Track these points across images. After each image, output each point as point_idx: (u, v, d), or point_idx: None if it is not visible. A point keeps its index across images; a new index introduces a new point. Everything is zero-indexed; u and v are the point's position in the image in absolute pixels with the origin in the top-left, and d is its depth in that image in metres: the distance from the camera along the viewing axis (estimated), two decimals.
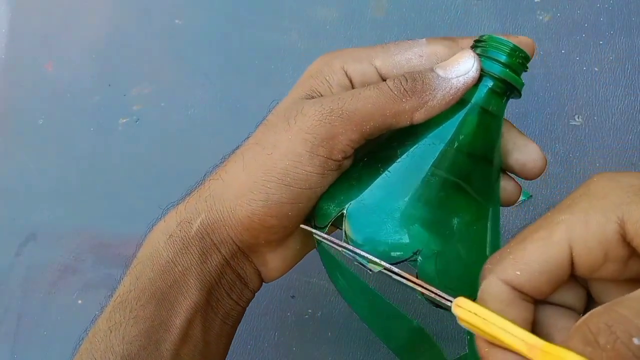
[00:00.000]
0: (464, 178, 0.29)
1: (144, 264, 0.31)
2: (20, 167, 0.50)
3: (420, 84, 0.28)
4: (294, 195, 0.29)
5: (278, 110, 0.31)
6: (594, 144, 0.47)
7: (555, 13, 0.50)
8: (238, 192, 0.30)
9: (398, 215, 0.28)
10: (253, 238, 0.30)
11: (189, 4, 0.53)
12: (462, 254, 0.29)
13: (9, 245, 0.48)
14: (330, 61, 0.31)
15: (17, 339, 0.46)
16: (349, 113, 0.28)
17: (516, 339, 0.22)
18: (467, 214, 0.29)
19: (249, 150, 0.31)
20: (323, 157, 0.29)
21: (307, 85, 0.31)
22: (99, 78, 0.52)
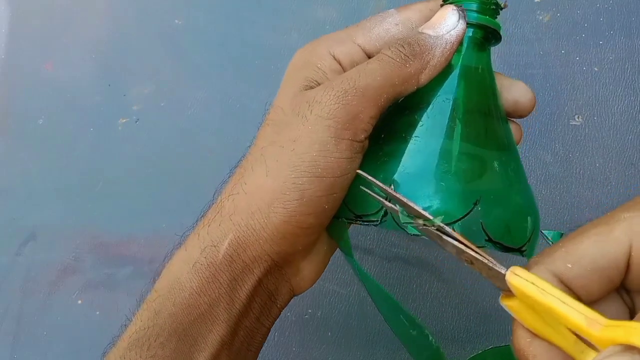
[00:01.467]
0: (485, 120, 0.30)
1: (164, 297, 0.28)
2: (20, 167, 0.50)
3: (417, 47, 0.28)
4: (328, 186, 0.27)
5: (282, 108, 0.29)
6: (594, 144, 0.47)
7: (555, 13, 0.50)
8: (269, 199, 0.27)
9: (447, 172, 0.28)
10: (290, 246, 0.28)
11: (189, 4, 0.53)
12: (510, 195, 0.29)
13: (9, 245, 0.48)
14: (315, 49, 0.31)
15: (17, 339, 0.46)
16: (363, 90, 0.27)
17: (575, 312, 0.20)
18: (501, 155, 0.29)
19: (266, 153, 0.28)
20: (349, 140, 0.28)
21: (300, 77, 0.30)
22: (99, 78, 0.52)
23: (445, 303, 0.45)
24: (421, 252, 0.46)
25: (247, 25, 0.52)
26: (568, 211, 0.46)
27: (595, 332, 0.20)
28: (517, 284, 0.22)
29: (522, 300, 0.22)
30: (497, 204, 0.28)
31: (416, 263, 0.46)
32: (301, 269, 0.31)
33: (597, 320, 0.20)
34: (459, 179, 0.28)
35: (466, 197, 0.27)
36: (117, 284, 0.47)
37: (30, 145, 0.51)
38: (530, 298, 0.21)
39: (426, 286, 0.45)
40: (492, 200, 0.28)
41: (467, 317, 0.45)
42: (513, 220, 0.28)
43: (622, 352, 0.19)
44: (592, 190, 0.46)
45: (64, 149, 0.50)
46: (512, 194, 0.29)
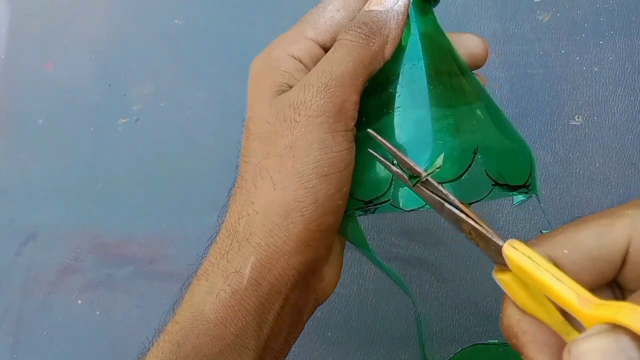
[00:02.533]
0: (455, 76, 0.31)
1: (186, 329, 0.27)
2: (20, 167, 0.50)
3: (373, 25, 0.29)
4: (337, 182, 0.27)
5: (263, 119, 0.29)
6: (594, 144, 0.47)
7: (555, 13, 0.50)
8: (284, 211, 0.27)
9: (440, 131, 0.28)
10: (314, 252, 0.28)
11: (189, 4, 0.53)
12: (502, 137, 0.30)
13: (9, 245, 0.48)
14: (272, 54, 0.31)
15: (17, 339, 0.46)
16: (341, 78, 0.28)
17: (568, 289, 0.20)
18: (480, 103, 0.30)
19: (265, 167, 0.28)
20: (343, 131, 0.28)
21: (268, 85, 0.29)
22: (99, 78, 0.52)
23: (445, 303, 0.45)
24: (421, 252, 0.46)
25: (247, 25, 0.52)
26: (568, 211, 0.46)
27: (585, 310, 0.20)
28: (513, 256, 0.22)
29: (516, 273, 0.22)
30: (494, 147, 0.29)
31: (416, 263, 0.46)
32: (325, 275, 0.30)
33: (588, 299, 0.20)
34: (452, 134, 0.28)
35: (465, 150, 0.28)
36: (117, 284, 0.47)
37: (30, 145, 0.51)
38: (525, 272, 0.21)
39: (426, 286, 0.45)
40: (488, 146, 0.28)
41: (467, 317, 0.45)
42: (512, 159, 0.29)
43: (608, 330, 0.19)
44: (592, 190, 0.46)
45: (64, 149, 0.50)
46: (503, 135, 0.30)
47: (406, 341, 0.44)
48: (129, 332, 0.46)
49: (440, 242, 0.46)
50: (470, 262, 0.46)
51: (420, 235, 0.46)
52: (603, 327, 0.19)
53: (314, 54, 0.30)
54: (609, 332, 0.19)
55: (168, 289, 0.47)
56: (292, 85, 0.29)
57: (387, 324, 0.45)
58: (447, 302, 0.45)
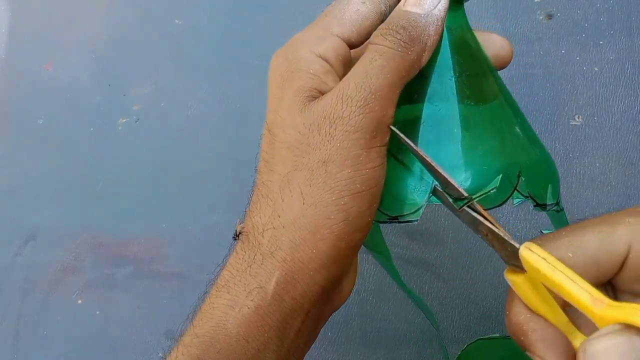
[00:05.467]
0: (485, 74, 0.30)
1: (207, 343, 0.26)
2: (20, 167, 0.50)
3: (413, 30, 0.27)
4: (368, 199, 0.27)
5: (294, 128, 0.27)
6: (594, 144, 0.47)
7: (555, 13, 0.50)
8: (313, 228, 0.26)
9: (488, 154, 0.28)
10: (340, 269, 0.27)
11: (189, 4, 0.53)
12: (541, 156, 0.30)
13: (9, 245, 0.48)
14: (296, 54, 0.29)
15: (17, 339, 0.46)
16: (380, 92, 0.26)
17: (582, 290, 0.21)
18: (516, 117, 0.30)
19: (295, 180, 0.27)
20: (378, 147, 0.27)
21: (296, 89, 0.28)
22: (99, 78, 0.52)
23: (445, 303, 0.45)
24: (421, 252, 0.46)
25: (247, 25, 0.52)
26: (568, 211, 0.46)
27: (598, 311, 0.21)
28: (529, 258, 0.23)
29: (531, 274, 0.23)
30: (535, 168, 0.28)
31: (416, 263, 0.46)
32: (343, 287, 0.30)
33: (601, 300, 0.21)
34: (496, 157, 0.28)
35: (509, 174, 0.27)
36: (117, 284, 0.47)
37: (30, 145, 0.51)
38: (540, 273, 0.22)
39: (426, 286, 0.45)
40: (529, 166, 0.28)
41: (467, 317, 0.45)
42: (550, 180, 0.29)
43: (621, 330, 0.20)
44: (592, 190, 0.46)
45: (64, 149, 0.50)
46: (541, 154, 0.30)
47: (406, 341, 0.44)
48: (129, 332, 0.46)
49: (440, 242, 0.46)
50: (470, 262, 0.46)
51: (420, 235, 0.46)
52: (616, 327, 0.20)
53: (341, 52, 0.29)
54: (622, 332, 0.20)
55: (168, 289, 0.47)
56: (321, 89, 0.28)
57: (387, 324, 0.45)
58: (447, 302, 0.45)
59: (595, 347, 0.20)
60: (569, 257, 0.23)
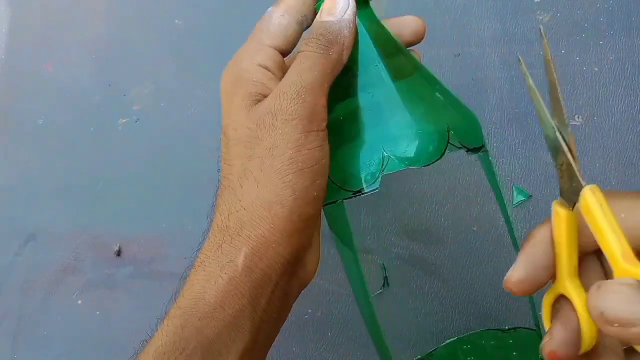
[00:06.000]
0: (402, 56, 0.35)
1: (188, 313, 0.30)
2: (20, 167, 0.50)
3: (330, 35, 0.33)
4: (311, 175, 0.31)
5: (245, 127, 0.32)
6: (594, 144, 0.47)
7: (555, 13, 0.50)
8: (267, 205, 0.30)
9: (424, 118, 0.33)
10: (299, 241, 0.31)
11: (189, 4, 0.53)
12: (460, 109, 0.35)
13: (9, 245, 0.48)
14: (241, 66, 0.34)
15: (17, 339, 0.46)
16: (310, 85, 0.31)
17: (618, 242, 0.23)
18: (432, 87, 0.35)
19: (249, 168, 0.31)
20: (315, 131, 0.31)
21: (243, 95, 0.33)
22: (99, 78, 0.52)
23: (445, 303, 0.45)
24: (421, 252, 0.46)
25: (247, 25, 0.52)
26: None
27: (624, 264, 0.23)
28: (589, 199, 0.25)
29: (582, 212, 0.25)
30: (459, 123, 0.33)
31: (416, 263, 0.46)
32: (306, 263, 0.33)
33: (630, 257, 0.23)
34: (427, 120, 0.33)
35: (441, 132, 0.32)
36: (117, 284, 0.47)
37: (30, 145, 0.51)
38: (591, 214, 0.24)
39: (426, 286, 0.45)
40: (455, 122, 0.33)
41: (467, 317, 0.45)
42: (473, 129, 0.35)
43: (636, 285, 0.22)
44: None
45: (64, 149, 0.50)
46: (462, 110, 0.35)
47: (406, 341, 0.45)
48: (129, 332, 0.46)
49: (440, 242, 0.46)
50: (470, 262, 0.46)
51: (420, 235, 0.46)
52: (634, 280, 0.22)
53: (276, 59, 0.34)
54: (637, 286, 0.22)
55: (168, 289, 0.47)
56: (264, 94, 0.32)
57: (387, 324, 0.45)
58: (447, 302, 0.45)
59: (610, 287, 0.22)
60: (621, 218, 0.24)
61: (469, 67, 0.49)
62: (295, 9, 0.35)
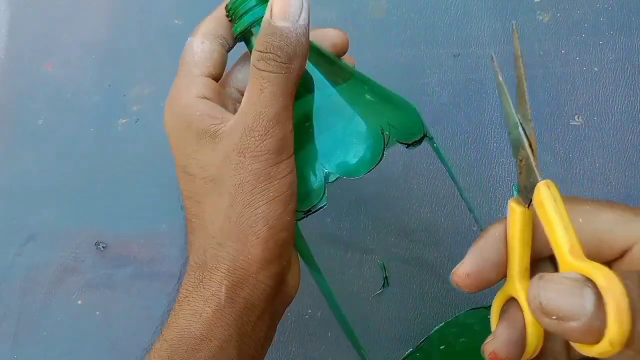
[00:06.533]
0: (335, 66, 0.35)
1: (175, 346, 0.30)
2: (20, 167, 0.50)
3: (289, 48, 0.30)
4: (283, 202, 0.31)
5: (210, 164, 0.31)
6: (594, 144, 0.47)
7: (555, 13, 0.50)
8: (242, 238, 0.30)
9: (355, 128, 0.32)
10: (279, 265, 0.31)
11: (189, 4, 0.53)
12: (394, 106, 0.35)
13: (9, 245, 0.48)
14: (180, 104, 0.33)
15: (17, 339, 0.46)
16: (277, 117, 0.30)
17: (567, 237, 0.23)
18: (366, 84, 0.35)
19: (219, 206, 0.31)
20: (286, 160, 0.31)
21: (197, 133, 0.32)
22: (99, 78, 0.52)
23: (445, 303, 0.45)
24: (421, 252, 0.46)
25: None
26: None
27: (570, 259, 0.23)
28: (543, 193, 0.24)
29: (535, 207, 0.25)
30: (396, 118, 0.33)
31: (416, 263, 0.46)
32: (288, 281, 0.34)
33: (578, 252, 0.23)
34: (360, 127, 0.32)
35: (375, 136, 0.32)
36: (117, 284, 0.47)
37: (30, 145, 0.51)
38: (544, 208, 0.24)
39: (426, 286, 0.45)
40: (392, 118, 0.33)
41: None
42: (410, 119, 0.35)
43: (581, 279, 0.22)
44: (592, 190, 0.46)
45: (64, 149, 0.50)
46: (397, 107, 0.35)
47: (406, 341, 0.44)
48: (129, 332, 0.46)
49: (440, 242, 0.46)
50: None
51: (420, 235, 0.46)
52: (578, 275, 0.22)
53: (211, 86, 0.33)
54: (580, 280, 0.22)
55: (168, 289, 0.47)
56: (214, 123, 0.31)
57: (387, 324, 0.45)
58: (447, 302, 0.45)
59: (553, 279, 0.22)
60: (579, 222, 0.24)
61: (469, 67, 0.49)
62: (212, 34, 0.34)
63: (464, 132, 0.48)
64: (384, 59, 0.50)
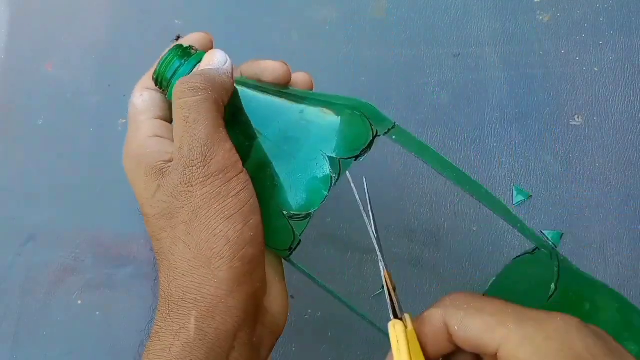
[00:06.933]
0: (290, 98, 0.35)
1: None
2: (20, 167, 0.50)
3: (207, 73, 0.32)
4: (241, 218, 0.30)
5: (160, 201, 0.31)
6: (594, 144, 0.47)
7: (555, 13, 0.50)
8: (205, 262, 0.30)
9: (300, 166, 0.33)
10: (250, 286, 0.30)
11: (189, 4, 0.53)
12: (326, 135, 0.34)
13: (9, 245, 0.48)
14: (135, 145, 0.34)
15: (17, 339, 0.46)
16: (209, 140, 0.30)
17: None
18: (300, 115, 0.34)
19: (175, 235, 0.31)
20: (235, 177, 0.31)
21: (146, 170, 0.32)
22: (99, 78, 0.52)
23: None
24: (421, 252, 0.46)
25: (247, 25, 0.52)
26: (568, 211, 0.46)
27: None
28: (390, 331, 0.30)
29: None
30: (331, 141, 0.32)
31: (416, 263, 0.46)
32: (269, 307, 0.32)
33: None
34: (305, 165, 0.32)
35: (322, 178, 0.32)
36: (117, 284, 0.47)
37: (30, 145, 0.51)
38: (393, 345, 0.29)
39: (426, 286, 0.46)
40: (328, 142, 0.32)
41: None
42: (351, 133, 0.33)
43: None
44: (592, 190, 0.46)
45: (64, 149, 0.50)
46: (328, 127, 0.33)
47: None
48: (129, 332, 0.46)
49: (440, 242, 0.46)
50: (470, 262, 0.46)
51: (420, 235, 0.46)
52: None
53: (162, 125, 0.34)
54: None
55: None
56: (165, 159, 0.32)
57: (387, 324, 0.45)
58: None
59: None
60: (455, 330, 0.28)
61: (469, 67, 0.50)
62: (148, 86, 0.36)
63: (464, 132, 0.48)
64: (384, 59, 0.51)
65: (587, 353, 0.25)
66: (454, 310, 0.28)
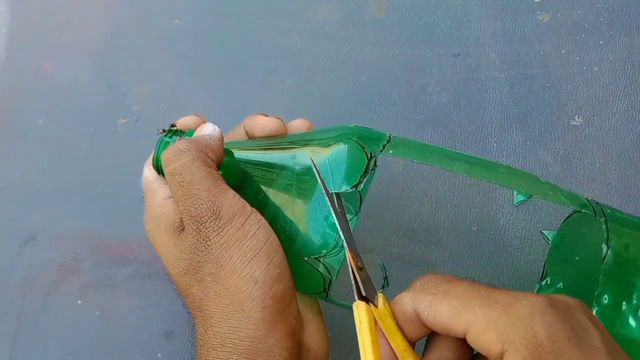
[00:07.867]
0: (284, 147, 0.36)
1: None
2: (20, 167, 0.50)
3: (192, 141, 0.34)
4: (265, 257, 0.31)
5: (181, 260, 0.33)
6: (594, 144, 0.47)
7: (555, 13, 0.50)
8: (238, 305, 0.30)
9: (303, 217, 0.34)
10: (286, 323, 0.31)
11: (189, 4, 0.53)
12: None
13: (9, 245, 0.48)
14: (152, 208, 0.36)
15: (17, 339, 0.46)
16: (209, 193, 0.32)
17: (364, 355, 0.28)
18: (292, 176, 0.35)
19: (204, 286, 0.32)
20: (247, 218, 0.32)
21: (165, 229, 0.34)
22: (99, 78, 0.52)
23: None
24: (421, 252, 0.46)
25: (247, 25, 0.52)
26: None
27: None
28: (355, 311, 0.30)
29: None
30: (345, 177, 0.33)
31: (416, 263, 0.46)
32: (309, 343, 0.33)
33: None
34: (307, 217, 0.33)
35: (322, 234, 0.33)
36: (117, 284, 0.47)
37: (30, 145, 0.51)
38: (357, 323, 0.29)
39: None
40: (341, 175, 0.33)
41: None
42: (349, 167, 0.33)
43: None
44: (592, 190, 0.46)
45: (64, 149, 0.50)
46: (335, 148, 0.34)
47: None
48: (129, 332, 0.46)
49: (440, 242, 0.46)
50: (470, 262, 0.46)
51: (420, 235, 0.46)
52: None
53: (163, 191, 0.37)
54: None
55: (168, 289, 0.47)
56: (177, 220, 0.34)
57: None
58: None
59: None
60: (425, 315, 0.27)
61: (469, 67, 0.50)
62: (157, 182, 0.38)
63: (464, 132, 0.48)
64: (384, 59, 0.51)
65: (548, 340, 0.24)
66: (422, 294, 0.28)
